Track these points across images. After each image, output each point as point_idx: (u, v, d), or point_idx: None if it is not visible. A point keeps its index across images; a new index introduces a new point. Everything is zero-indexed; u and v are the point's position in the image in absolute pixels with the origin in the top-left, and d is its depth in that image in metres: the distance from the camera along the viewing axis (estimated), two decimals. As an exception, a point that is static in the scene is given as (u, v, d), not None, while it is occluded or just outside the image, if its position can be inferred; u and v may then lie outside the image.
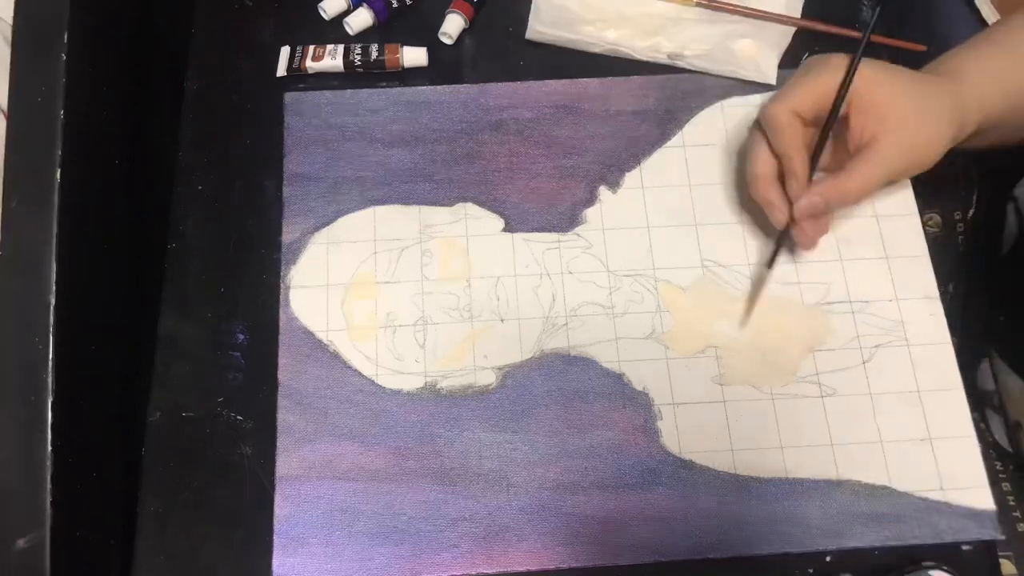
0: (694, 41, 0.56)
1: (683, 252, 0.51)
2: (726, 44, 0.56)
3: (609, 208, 0.52)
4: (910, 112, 0.45)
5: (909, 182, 0.53)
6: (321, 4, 0.58)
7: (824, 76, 0.46)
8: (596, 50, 0.56)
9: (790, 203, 0.47)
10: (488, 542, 0.45)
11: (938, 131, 0.46)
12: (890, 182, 0.48)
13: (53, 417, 0.38)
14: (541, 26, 0.56)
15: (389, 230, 0.52)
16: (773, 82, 0.55)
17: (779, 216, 0.47)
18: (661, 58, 0.56)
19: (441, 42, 0.57)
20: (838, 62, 0.46)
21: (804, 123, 0.47)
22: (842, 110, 0.46)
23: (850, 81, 0.45)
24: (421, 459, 0.47)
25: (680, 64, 0.55)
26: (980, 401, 0.49)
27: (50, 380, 0.39)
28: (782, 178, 0.47)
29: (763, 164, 0.48)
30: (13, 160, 0.41)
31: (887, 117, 0.45)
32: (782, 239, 0.48)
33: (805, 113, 0.46)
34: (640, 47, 0.56)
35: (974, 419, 0.48)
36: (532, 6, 0.57)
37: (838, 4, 0.58)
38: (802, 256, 0.51)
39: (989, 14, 0.65)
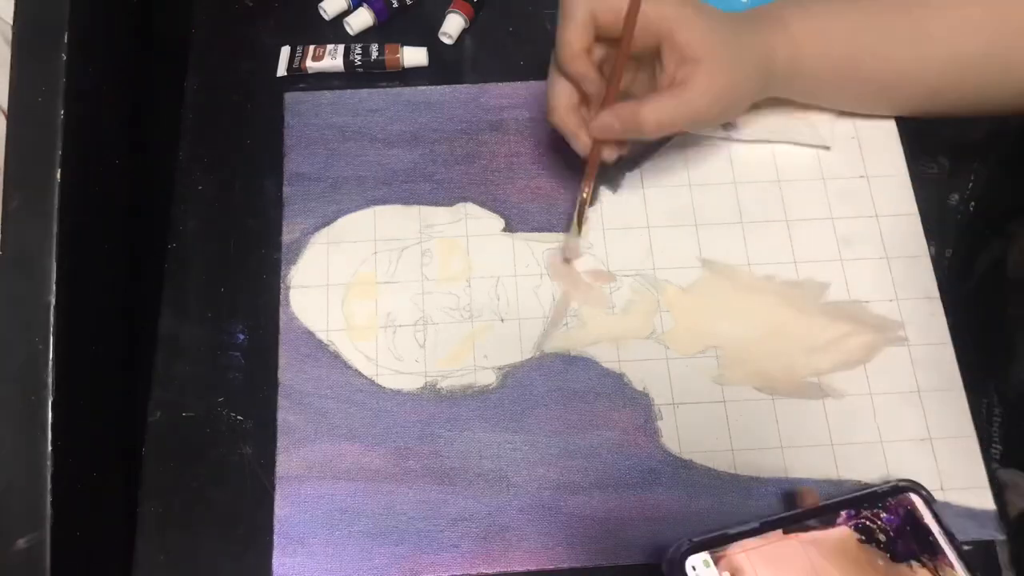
0: None
1: (683, 252, 0.51)
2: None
3: (609, 208, 0.52)
4: (725, 59, 0.44)
5: (910, 183, 0.53)
6: (321, 4, 0.58)
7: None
8: None
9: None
10: (488, 542, 0.45)
11: (749, 80, 0.46)
12: (695, 125, 0.47)
13: (53, 417, 0.38)
14: None
15: (389, 230, 0.52)
16: (830, 145, 0.53)
17: (579, 144, 0.47)
18: (717, 130, 0.53)
19: (441, 42, 0.57)
20: None
21: (597, 40, 0.45)
22: (655, 47, 0.44)
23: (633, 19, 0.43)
24: (421, 459, 0.47)
25: (734, 136, 0.53)
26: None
27: (50, 380, 0.39)
28: (583, 104, 0.47)
29: (561, 94, 0.46)
30: (13, 160, 0.41)
31: (701, 60, 0.43)
32: (586, 200, 0.48)
33: (600, 32, 0.44)
34: None
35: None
36: None
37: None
38: (802, 256, 0.51)
39: None
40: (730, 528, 0.40)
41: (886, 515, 0.40)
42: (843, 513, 0.40)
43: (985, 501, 0.46)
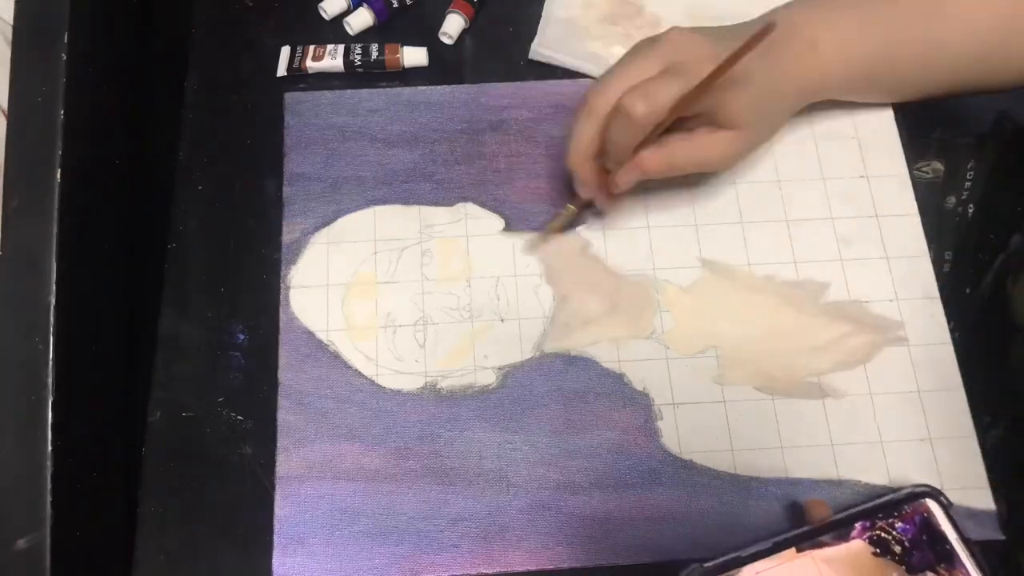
0: None
1: (683, 252, 0.51)
2: None
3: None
4: (762, 120, 0.44)
5: (911, 184, 0.53)
6: (321, 4, 0.58)
7: (684, 79, 0.41)
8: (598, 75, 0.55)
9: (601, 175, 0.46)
10: (488, 542, 0.45)
11: (784, 117, 0.47)
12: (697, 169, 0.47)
13: (53, 417, 0.38)
14: (544, 48, 0.55)
15: (389, 230, 0.52)
16: None
17: (587, 192, 0.48)
18: None
19: (441, 42, 0.57)
20: (671, 47, 0.43)
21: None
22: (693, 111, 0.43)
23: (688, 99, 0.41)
24: (421, 459, 0.47)
25: None
26: None
27: (50, 380, 0.39)
28: (598, 152, 0.46)
29: (588, 141, 0.45)
30: (13, 160, 0.41)
31: (740, 127, 0.43)
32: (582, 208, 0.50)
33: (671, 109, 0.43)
34: None
35: None
36: (540, 24, 0.56)
37: None
38: (802, 256, 0.51)
39: None
40: (743, 550, 0.39)
41: (901, 524, 0.39)
42: (857, 525, 0.39)
43: (985, 501, 0.46)
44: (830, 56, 0.47)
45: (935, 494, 0.40)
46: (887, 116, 0.54)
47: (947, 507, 0.39)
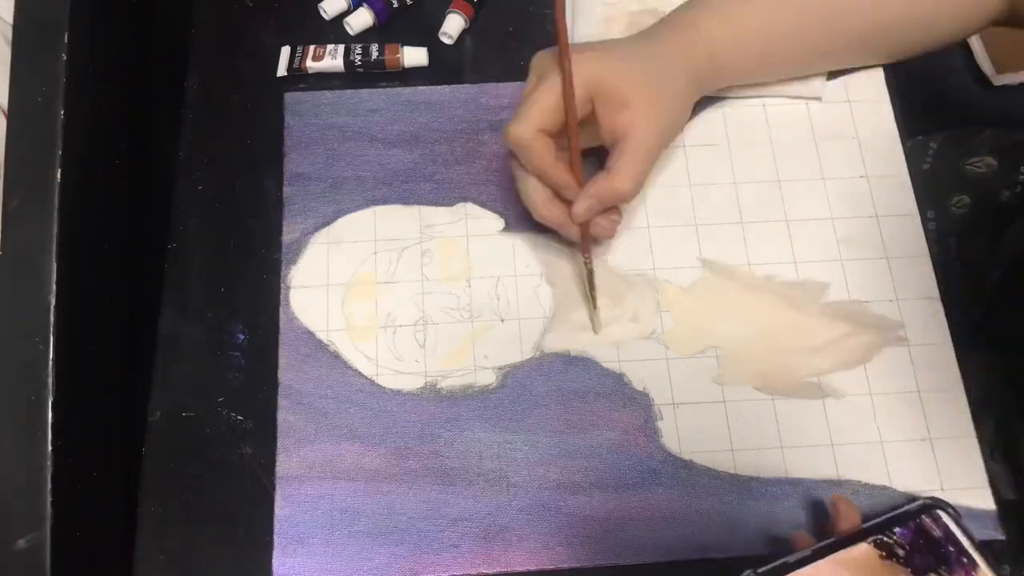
0: None
1: (683, 252, 0.51)
2: None
3: (609, 208, 0.52)
4: (652, 89, 0.45)
5: (911, 184, 0.53)
6: (321, 4, 0.58)
7: (554, 81, 0.44)
8: None
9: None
10: (488, 542, 0.45)
11: (682, 95, 0.47)
12: (657, 155, 0.47)
13: (53, 417, 0.38)
14: None
15: (389, 230, 0.52)
16: (821, 96, 0.54)
17: (570, 232, 0.47)
18: None
19: (441, 42, 0.57)
20: (535, 70, 0.46)
21: (551, 135, 0.45)
22: (586, 108, 0.45)
23: (569, 85, 0.43)
24: (421, 459, 0.47)
25: (726, 94, 0.54)
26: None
27: (50, 380, 0.39)
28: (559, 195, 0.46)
29: (534, 190, 0.46)
30: (13, 160, 0.41)
31: (631, 101, 0.44)
32: (591, 277, 0.49)
33: (549, 127, 0.44)
34: None
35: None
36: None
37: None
38: (802, 256, 0.51)
39: (987, 67, 0.65)
40: (788, 557, 0.39)
41: (900, 529, 0.40)
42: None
43: (985, 501, 0.46)
44: (714, 33, 0.48)
45: (944, 505, 0.40)
46: (887, 116, 0.54)
47: (957, 518, 0.40)
